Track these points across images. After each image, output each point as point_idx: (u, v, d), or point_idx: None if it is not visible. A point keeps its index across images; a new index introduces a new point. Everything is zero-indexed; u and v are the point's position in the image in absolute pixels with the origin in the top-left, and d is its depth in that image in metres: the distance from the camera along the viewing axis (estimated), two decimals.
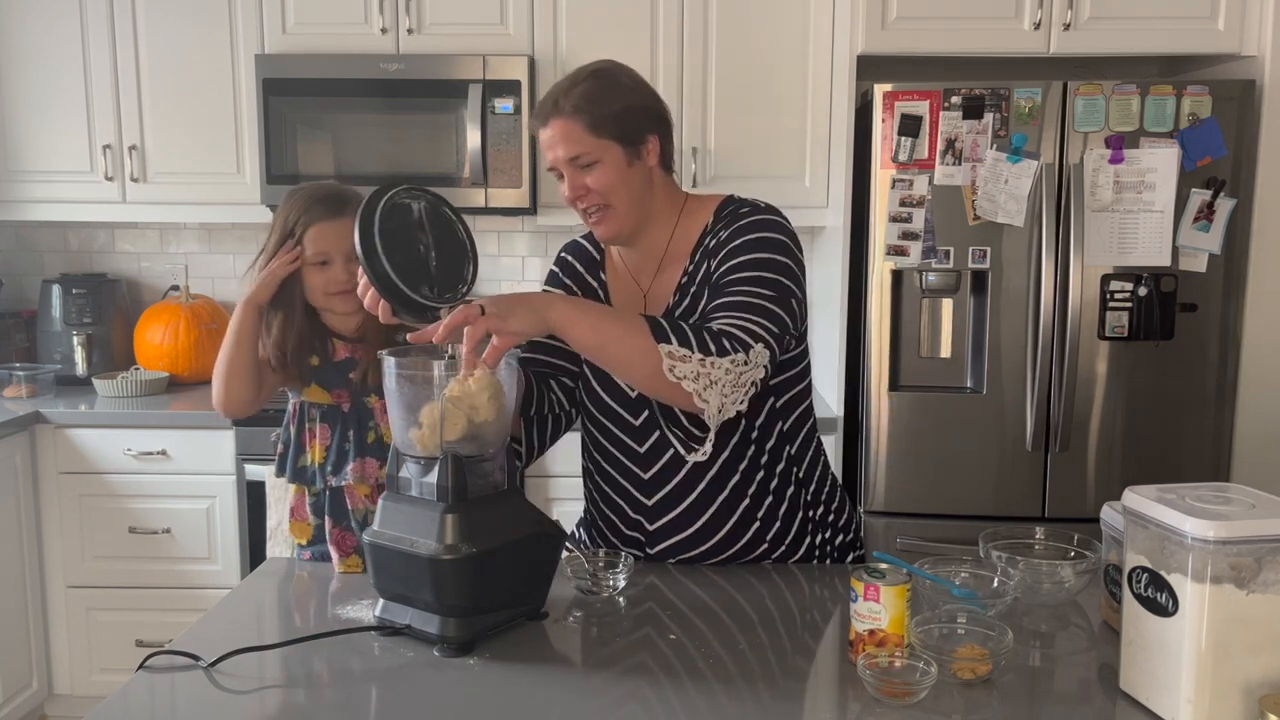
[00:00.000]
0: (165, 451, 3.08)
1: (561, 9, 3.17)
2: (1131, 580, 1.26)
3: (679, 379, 1.45)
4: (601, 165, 1.60)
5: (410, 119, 3.18)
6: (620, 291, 1.76)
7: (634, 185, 1.64)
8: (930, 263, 2.82)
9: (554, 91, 1.63)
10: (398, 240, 1.45)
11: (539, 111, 1.64)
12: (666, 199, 1.71)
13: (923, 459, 2.90)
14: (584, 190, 1.62)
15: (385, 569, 1.46)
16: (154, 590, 3.12)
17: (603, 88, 1.61)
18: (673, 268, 1.70)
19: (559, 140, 1.61)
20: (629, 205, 1.64)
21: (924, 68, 3.04)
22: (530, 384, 1.72)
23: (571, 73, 1.66)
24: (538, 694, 1.32)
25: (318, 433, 1.87)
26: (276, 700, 1.33)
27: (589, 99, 1.59)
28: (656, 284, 1.71)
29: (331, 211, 1.80)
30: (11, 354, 3.50)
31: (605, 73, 1.64)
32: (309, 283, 1.83)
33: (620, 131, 1.60)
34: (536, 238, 3.62)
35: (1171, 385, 2.83)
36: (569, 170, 1.62)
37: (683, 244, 1.70)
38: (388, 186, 1.48)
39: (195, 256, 3.68)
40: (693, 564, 1.73)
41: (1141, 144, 2.75)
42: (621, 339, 1.47)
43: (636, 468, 1.72)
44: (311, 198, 1.83)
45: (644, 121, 1.64)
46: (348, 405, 1.87)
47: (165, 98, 3.27)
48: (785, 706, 1.29)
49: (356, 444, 1.86)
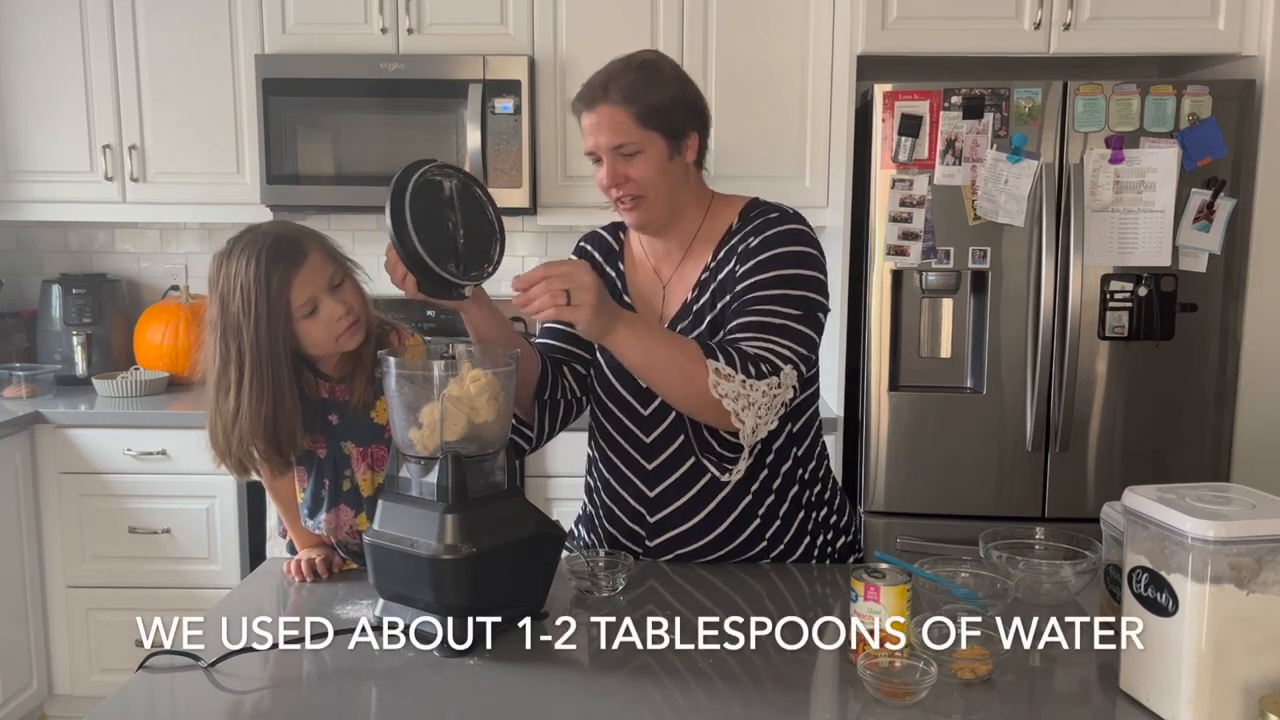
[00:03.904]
0: (165, 451, 3.08)
1: (561, 9, 3.17)
2: (1131, 580, 1.26)
3: (721, 396, 1.51)
4: (644, 156, 1.61)
5: (410, 119, 3.18)
6: (639, 282, 1.77)
7: (671, 179, 1.65)
8: (930, 263, 2.81)
9: (602, 77, 1.63)
10: (428, 217, 1.45)
11: (585, 95, 1.63)
12: (696, 194, 1.73)
13: (923, 459, 2.89)
14: (623, 179, 1.62)
15: (385, 569, 1.46)
16: (154, 590, 3.12)
17: (653, 79, 1.62)
18: (694, 262, 1.72)
19: (604, 127, 1.60)
20: (664, 198, 1.65)
21: (924, 68, 3.04)
22: (545, 368, 1.73)
23: (621, 59, 1.65)
24: (538, 694, 1.32)
25: (297, 474, 1.76)
26: (276, 700, 1.33)
27: (639, 89, 1.60)
28: (677, 276, 1.73)
29: (297, 255, 1.61)
30: (11, 354, 3.50)
31: (655, 65, 1.65)
32: (307, 338, 1.63)
33: (665, 125, 1.62)
34: (537, 238, 3.62)
35: (1171, 385, 2.83)
36: (610, 157, 1.62)
37: (707, 240, 1.71)
38: (421, 161, 1.47)
39: (195, 256, 3.67)
40: (690, 560, 1.73)
41: (1141, 144, 2.75)
42: (671, 354, 1.52)
43: (642, 458, 1.73)
44: (267, 250, 1.59)
45: (688, 117, 1.65)
46: (324, 451, 1.73)
47: (165, 98, 3.27)
48: (786, 706, 1.29)
49: (331, 493, 1.74)
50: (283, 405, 1.61)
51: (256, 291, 1.57)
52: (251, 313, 1.57)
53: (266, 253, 1.59)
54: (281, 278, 1.59)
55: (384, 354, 1.49)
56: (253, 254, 1.59)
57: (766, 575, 1.70)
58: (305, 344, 1.64)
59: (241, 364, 1.59)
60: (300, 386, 1.67)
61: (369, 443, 1.74)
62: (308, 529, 1.79)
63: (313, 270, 1.62)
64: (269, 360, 1.59)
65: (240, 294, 1.58)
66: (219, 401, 1.62)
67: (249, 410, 1.59)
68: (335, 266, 1.66)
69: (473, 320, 1.62)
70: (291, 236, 1.64)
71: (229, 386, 1.60)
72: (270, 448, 1.64)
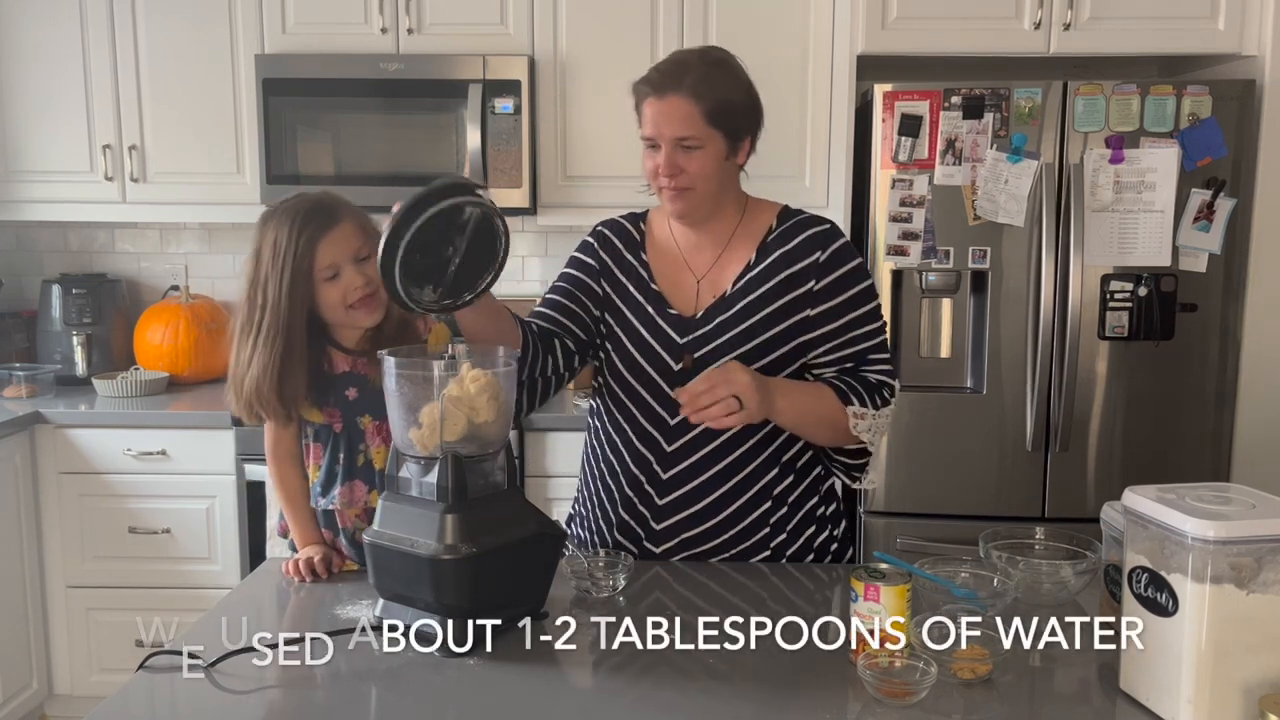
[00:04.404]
0: (165, 451, 3.08)
1: (561, 9, 3.17)
2: (1131, 580, 1.26)
3: (859, 433, 1.68)
4: (703, 153, 1.64)
5: (410, 119, 3.18)
6: (667, 273, 1.79)
7: (722, 178, 1.69)
8: (930, 263, 2.81)
9: (675, 66, 1.65)
10: (429, 237, 1.44)
11: (655, 81, 1.64)
12: (735, 195, 1.78)
13: (922, 459, 2.89)
14: (678, 171, 1.65)
15: (385, 569, 1.46)
16: (154, 590, 3.12)
17: (726, 79, 1.66)
18: (733, 257, 1.75)
19: (672, 117, 1.62)
20: (710, 194, 1.69)
21: (924, 68, 3.04)
22: (531, 346, 1.72)
23: (693, 50, 1.71)
24: (538, 694, 1.32)
25: (312, 451, 1.81)
26: (276, 700, 1.34)
27: (712, 85, 1.63)
28: (714, 270, 1.76)
29: (330, 220, 1.72)
30: (11, 354, 3.50)
31: (728, 65, 1.68)
32: (324, 300, 1.72)
33: (729, 125, 1.65)
34: (537, 238, 3.61)
35: (1171, 385, 2.83)
36: (670, 147, 1.64)
37: (746, 238, 1.76)
38: (459, 186, 1.46)
39: (195, 256, 3.68)
40: (693, 546, 1.74)
41: (1141, 144, 2.75)
42: (819, 410, 1.67)
43: (663, 439, 1.74)
44: (303, 213, 1.71)
45: (748, 121, 1.70)
46: (339, 425, 1.79)
47: (165, 98, 3.27)
48: (786, 706, 1.29)
49: (346, 467, 1.79)
50: (290, 354, 1.70)
51: (287, 246, 1.69)
52: (279, 265, 1.69)
53: (303, 214, 1.71)
54: (310, 238, 1.69)
55: (383, 353, 1.49)
56: (292, 214, 1.72)
57: (765, 575, 1.70)
58: (322, 306, 1.73)
59: (263, 312, 1.70)
60: (319, 355, 1.77)
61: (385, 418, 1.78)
62: (317, 510, 1.81)
63: (342, 237, 1.71)
64: (286, 311, 1.69)
65: (273, 249, 1.70)
66: (239, 349, 1.73)
67: (261, 356, 1.70)
68: (365, 241, 1.73)
69: (467, 322, 1.61)
70: (330, 204, 1.75)
71: (250, 334, 1.72)
72: (274, 394, 1.71)
